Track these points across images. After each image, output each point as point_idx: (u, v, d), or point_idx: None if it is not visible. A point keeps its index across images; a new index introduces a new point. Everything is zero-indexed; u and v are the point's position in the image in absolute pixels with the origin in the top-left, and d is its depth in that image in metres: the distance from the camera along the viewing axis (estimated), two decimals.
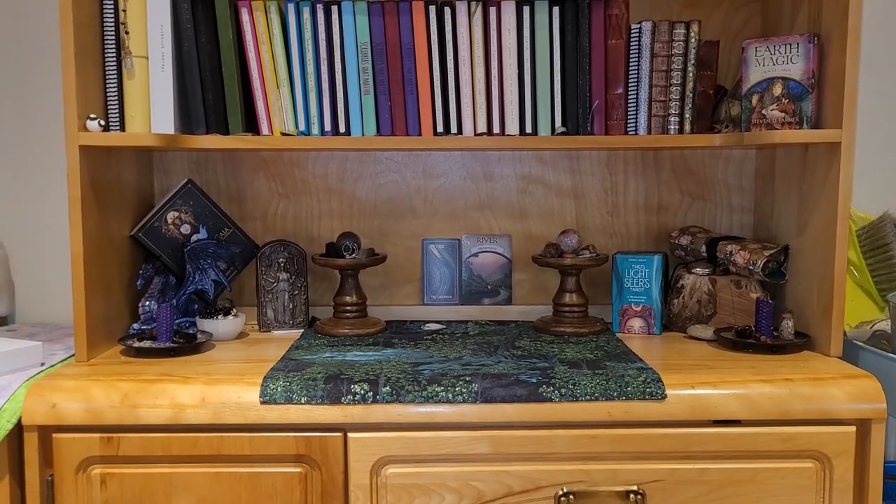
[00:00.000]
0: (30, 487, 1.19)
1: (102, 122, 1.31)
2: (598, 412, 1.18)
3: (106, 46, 1.36)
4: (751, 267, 1.46)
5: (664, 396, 1.18)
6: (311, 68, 1.44)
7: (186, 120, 1.44)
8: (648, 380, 1.19)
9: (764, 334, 1.39)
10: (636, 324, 1.54)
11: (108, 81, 1.37)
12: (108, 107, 1.37)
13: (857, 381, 1.21)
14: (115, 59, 1.37)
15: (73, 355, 1.36)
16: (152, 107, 1.38)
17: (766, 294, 1.49)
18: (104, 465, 1.18)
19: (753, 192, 1.67)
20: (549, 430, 1.18)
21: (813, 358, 1.33)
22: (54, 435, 1.18)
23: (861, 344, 1.38)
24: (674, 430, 1.18)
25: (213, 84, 1.44)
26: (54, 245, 1.73)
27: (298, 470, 1.18)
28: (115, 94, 1.37)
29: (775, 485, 1.19)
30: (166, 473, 1.18)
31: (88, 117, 1.31)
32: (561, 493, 1.17)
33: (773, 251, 1.45)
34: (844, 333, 1.35)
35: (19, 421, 1.18)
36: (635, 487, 1.18)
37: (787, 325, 1.39)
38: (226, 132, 1.45)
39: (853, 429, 1.19)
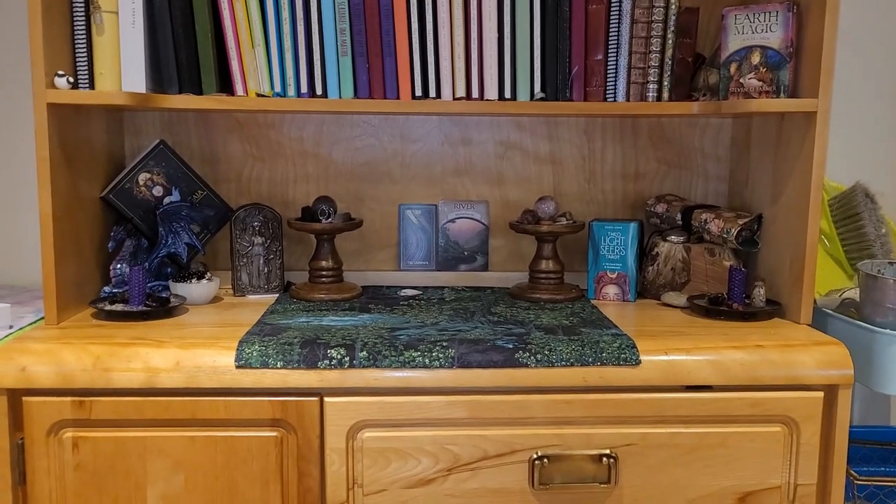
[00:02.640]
0: None
1: (71, 80, 1.28)
2: (574, 378, 1.19)
3: (74, 0, 1.32)
4: (725, 235, 1.47)
5: (638, 362, 1.19)
6: (286, 28, 1.41)
7: (158, 79, 1.41)
8: (623, 346, 1.20)
9: (736, 302, 1.41)
10: (611, 291, 1.55)
11: (76, 37, 1.33)
12: (77, 64, 1.33)
13: (825, 348, 1.23)
14: (83, 14, 1.32)
15: (42, 318, 1.34)
16: (123, 64, 1.34)
17: (739, 262, 1.51)
18: (76, 428, 1.17)
19: (729, 161, 1.68)
20: (524, 396, 1.19)
21: (783, 325, 1.35)
22: (24, 398, 1.16)
23: (830, 312, 1.41)
24: (647, 396, 1.20)
25: (185, 42, 1.40)
26: (21, 207, 1.69)
27: (274, 434, 1.18)
28: (84, 50, 1.33)
29: (744, 448, 1.22)
30: (140, 437, 1.17)
31: (56, 74, 1.27)
32: (535, 456, 1.19)
33: (746, 220, 1.47)
34: (814, 301, 1.37)
35: None
36: (608, 451, 1.20)
37: (759, 293, 1.41)
38: (199, 92, 1.42)
39: (821, 394, 1.22)
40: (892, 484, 1.49)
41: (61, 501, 1.17)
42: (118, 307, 1.36)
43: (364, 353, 1.18)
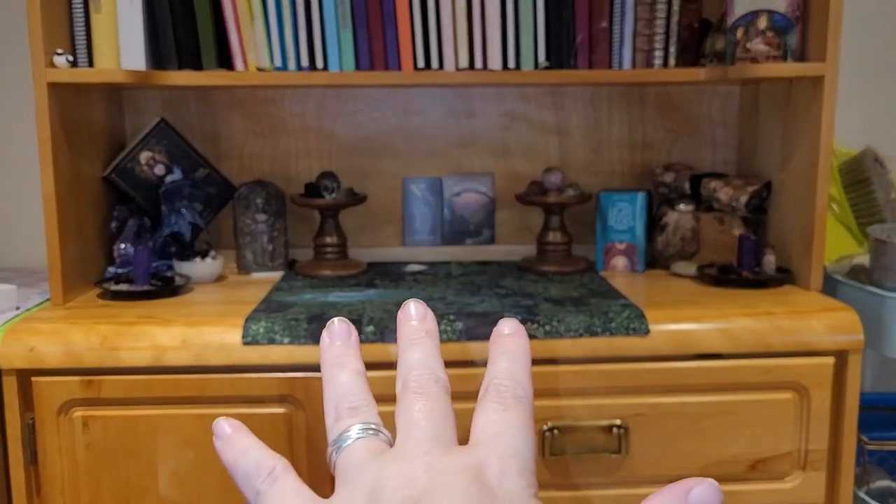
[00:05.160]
0: (11, 431, 1.17)
1: (70, 58, 1.26)
2: (583, 348, 1.18)
3: None
4: (734, 203, 1.46)
5: (647, 332, 1.18)
6: (285, 0, 1.39)
7: (157, 56, 1.39)
8: (632, 316, 1.19)
9: (746, 270, 1.39)
10: (620, 262, 1.53)
11: (74, 16, 1.31)
12: (76, 42, 1.32)
13: (835, 314, 1.22)
14: None
15: (48, 299, 1.33)
16: (121, 42, 1.33)
17: (749, 230, 1.49)
18: (86, 407, 1.17)
19: (737, 128, 1.66)
20: (533, 367, 1.18)
21: (794, 292, 1.34)
22: (33, 378, 1.16)
23: (840, 278, 1.39)
24: (657, 365, 1.19)
25: (183, 17, 1.38)
26: (24, 190, 1.68)
27: (283, 410, 1.18)
28: (83, 28, 1.31)
29: (755, 415, 1.21)
30: (149, 415, 1.17)
31: (55, 52, 1.26)
32: (546, 428, 1.18)
33: (755, 187, 1.45)
34: (824, 268, 1.36)
35: None
36: (619, 422, 1.19)
37: (769, 261, 1.39)
38: (199, 69, 1.40)
39: (831, 360, 1.21)
40: None
41: (73, 480, 1.17)
42: (123, 287, 1.35)
43: (371, 327, 1.17)
